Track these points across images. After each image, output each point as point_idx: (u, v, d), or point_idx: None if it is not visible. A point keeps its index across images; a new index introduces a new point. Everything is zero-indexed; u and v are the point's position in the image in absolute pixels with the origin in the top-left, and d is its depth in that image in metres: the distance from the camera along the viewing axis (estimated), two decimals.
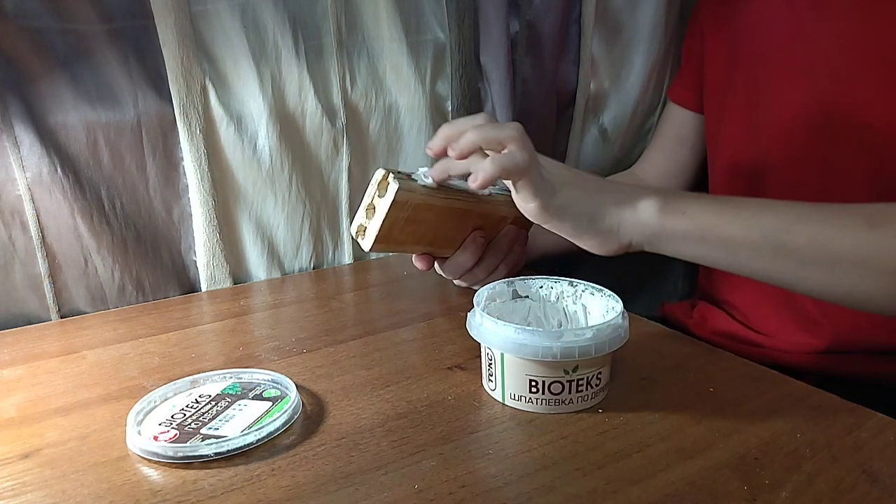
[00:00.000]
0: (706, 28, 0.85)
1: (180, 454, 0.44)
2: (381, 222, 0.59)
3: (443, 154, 0.55)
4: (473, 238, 0.66)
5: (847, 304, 0.54)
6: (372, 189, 0.60)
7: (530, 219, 0.55)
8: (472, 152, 0.53)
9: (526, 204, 0.54)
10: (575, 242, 0.56)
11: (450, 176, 0.59)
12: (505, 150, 0.52)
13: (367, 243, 0.61)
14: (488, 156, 0.52)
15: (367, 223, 0.61)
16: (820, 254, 0.51)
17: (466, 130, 0.53)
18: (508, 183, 0.54)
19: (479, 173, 0.52)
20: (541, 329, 0.51)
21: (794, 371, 0.69)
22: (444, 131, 0.56)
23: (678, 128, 0.91)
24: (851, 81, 0.67)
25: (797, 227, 0.51)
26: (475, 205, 0.64)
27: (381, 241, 0.61)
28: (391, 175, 0.58)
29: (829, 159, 0.69)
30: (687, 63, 0.91)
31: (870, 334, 0.70)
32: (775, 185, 0.75)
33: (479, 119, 0.54)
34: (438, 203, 0.61)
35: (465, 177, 0.56)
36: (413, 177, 0.61)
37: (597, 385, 0.50)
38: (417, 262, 0.68)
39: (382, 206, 0.59)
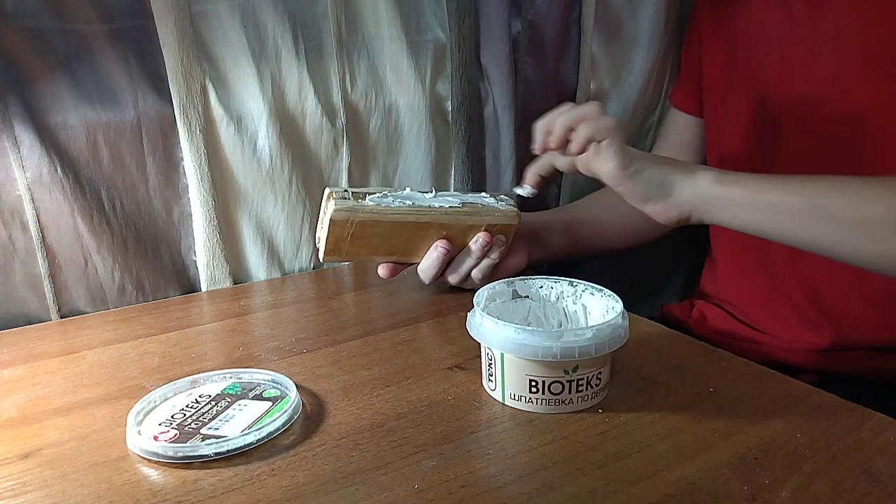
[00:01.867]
0: (704, 33, 0.85)
1: (180, 454, 0.44)
2: (325, 239, 0.64)
3: (545, 151, 0.63)
4: (435, 247, 0.67)
5: (885, 270, 0.56)
6: (323, 204, 0.64)
7: (607, 181, 0.60)
8: (567, 135, 0.60)
9: (606, 164, 0.59)
10: (641, 208, 0.62)
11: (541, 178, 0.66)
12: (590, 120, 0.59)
13: (320, 254, 0.66)
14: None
15: (321, 236, 0.65)
16: (856, 217, 0.54)
17: (556, 119, 0.60)
18: (587, 156, 0.60)
19: (574, 143, 0.59)
20: (541, 329, 0.51)
21: (793, 369, 0.69)
22: (539, 125, 0.62)
23: (680, 133, 0.91)
24: (848, 85, 0.67)
25: (835, 191, 0.56)
26: (432, 217, 0.64)
27: (331, 253, 0.65)
28: (333, 195, 0.62)
29: (826, 162, 0.70)
30: (686, 68, 0.91)
31: (869, 332, 0.70)
32: None
33: (563, 107, 0.61)
34: (385, 219, 0.63)
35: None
36: (368, 198, 0.63)
37: (597, 385, 0.50)
38: (380, 270, 0.70)
39: (325, 223, 0.63)
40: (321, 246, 0.65)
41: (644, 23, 0.97)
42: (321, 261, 0.67)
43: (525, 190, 0.67)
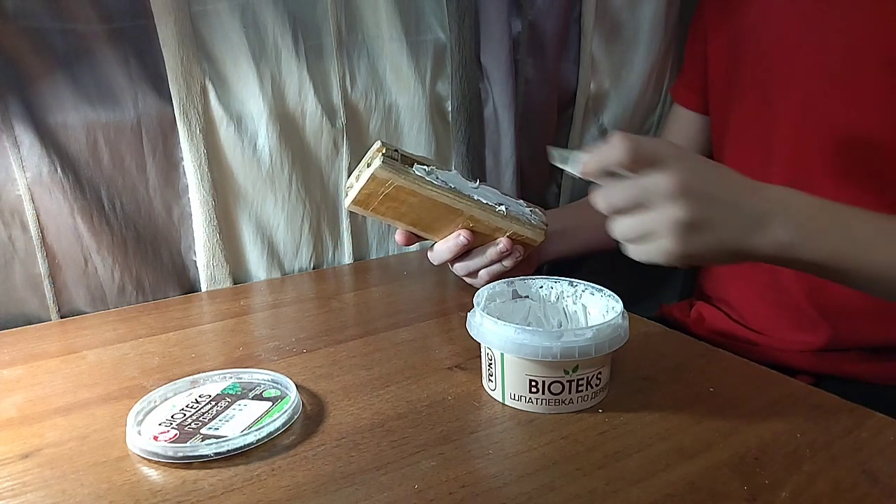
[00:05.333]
0: (709, 28, 0.85)
1: (180, 454, 0.44)
2: (359, 189, 0.63)
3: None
4: (457, 235, 0.66)
5: None
6: (368, 155, 0.63)
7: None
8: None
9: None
10: None
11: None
12: (653, 243, 0.50)
13: (346, 202, 0.65)
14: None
15: (354, 184, 0.64)
16: None
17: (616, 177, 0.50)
18: None
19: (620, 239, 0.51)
20: (541, 329, 0.51)
21: (790, 370, 0.69)
22: (594, 166, 0.52)
23: (684, 129, 0.91)
24: (856, 80, 0.67)
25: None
26: (466, 206, 0.64)
27: (359, 204, 0.64)
28: (383, 151, 0.62)
29: (834, 155, 0.69)
30: (690, 64, 0.91)
31: (866, 332, 0.70)
32: (779, 181, 0.75)
33: (621, 154, 0.49)
34: (422, 192, 0.63)
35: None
36: (415, 167, 0.63)
37: (597, 385, 0.50)
38: (397, 236, 0.70)
39: (364, 175, 0.62)
40: (352, 193, 0.64)
41: (644, 23, 0.97)
42: (345, 207, 0.66)
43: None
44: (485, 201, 0.65)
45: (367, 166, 0.63)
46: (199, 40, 0.71)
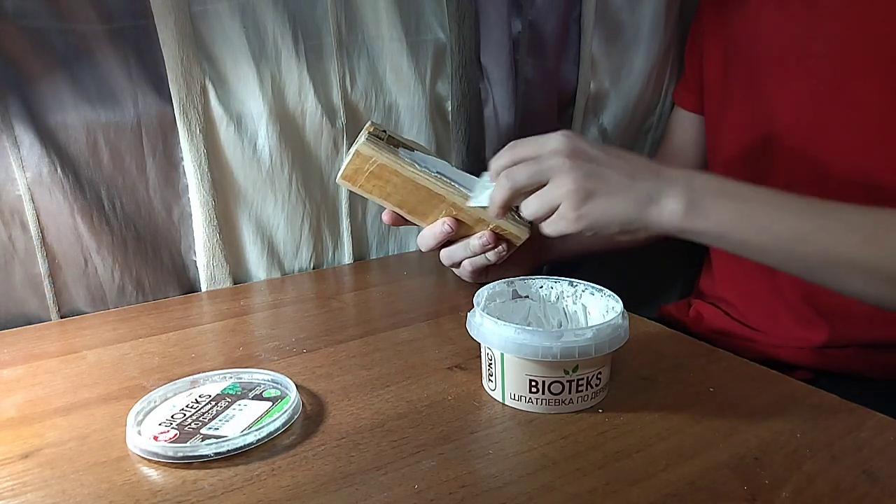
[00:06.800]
0: (706, 30, 0.85)
1: (180, 454, 0.44)
2: (346, 164, 0.64)
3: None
4: (441, 222, 0.66)
5: (855, 299, 0.58)
6: (363, 132, 0.65)
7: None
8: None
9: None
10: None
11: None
12: (553, 215, 0.57)
13: (338, 175, 0.67)
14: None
15: (346, 159, 0.66)
16: (823, 262, 0.55)
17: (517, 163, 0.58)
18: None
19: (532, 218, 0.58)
20: (541, 329, 0.51)
21: (788, 366, 0.69)
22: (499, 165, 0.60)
23: (687, 130, 0.91)
24: (844, 83, 0.67)
25: (807, 238, 0.55)
26: (448, 192, 0.64)
27: (346, 179, 0.66)
28: (370, 131, 0.64)
29: (824, 160, 0.70)
30: (689, 65, 0.91)
31: (864, 329, 0.70)
32: (772, 186, 0.75)
33: (524, 150, 0.58)
34: (404, 172, 0.64)
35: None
36: (401, 151, 0.64)
37: (597, 385, 0.50)
38: (384, 215, 0.70)
39: (351, 151, 0.64)
40: (342, 168, 0.65)
41: (644, 23, 0.97)
42: (336, 181, 0.68)
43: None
44: (465, 190, 0.65)
45: (357, 143, 0.64)
46: (199, 40, 0.71)
